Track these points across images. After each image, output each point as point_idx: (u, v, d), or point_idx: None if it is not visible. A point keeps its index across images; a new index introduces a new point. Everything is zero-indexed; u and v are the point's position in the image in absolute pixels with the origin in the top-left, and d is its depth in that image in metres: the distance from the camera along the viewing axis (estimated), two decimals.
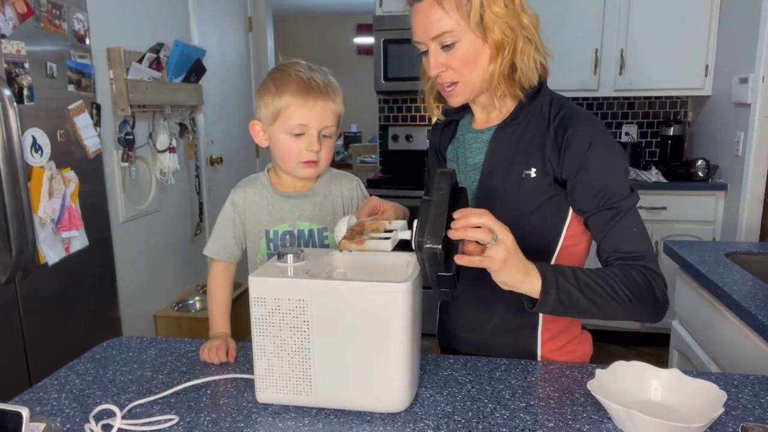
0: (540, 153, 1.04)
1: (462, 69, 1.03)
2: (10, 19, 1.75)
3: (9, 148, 1.67)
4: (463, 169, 1.15)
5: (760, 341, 1.32)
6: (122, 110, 2.35)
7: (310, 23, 6.65)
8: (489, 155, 1.09)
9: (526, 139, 1.06)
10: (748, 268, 1.66)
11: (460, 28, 1.00)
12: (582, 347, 1.16)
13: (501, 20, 0.99)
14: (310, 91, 1.13)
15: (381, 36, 3.39)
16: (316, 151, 1.16)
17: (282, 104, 1.14)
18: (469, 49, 1.01)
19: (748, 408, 0.90)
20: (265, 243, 1.23)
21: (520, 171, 1.05)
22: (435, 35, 1.01)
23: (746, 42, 2.79)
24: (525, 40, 1.02)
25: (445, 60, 1.03)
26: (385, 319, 0.85)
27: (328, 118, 1.16)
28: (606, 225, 1.00)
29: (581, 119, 1.03)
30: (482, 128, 1.13)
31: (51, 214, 1.91)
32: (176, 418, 0.89)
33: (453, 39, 1.01)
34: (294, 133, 1.15)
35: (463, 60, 1.02)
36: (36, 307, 1.87)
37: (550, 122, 1.04)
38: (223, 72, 3.40)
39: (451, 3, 0.99)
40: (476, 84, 1.05)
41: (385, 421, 0.87)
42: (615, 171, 1.02)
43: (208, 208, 3.13)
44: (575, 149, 1.00)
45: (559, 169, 1.03)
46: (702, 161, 3.08)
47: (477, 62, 1.03)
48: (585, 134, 1.01)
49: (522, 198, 1.05)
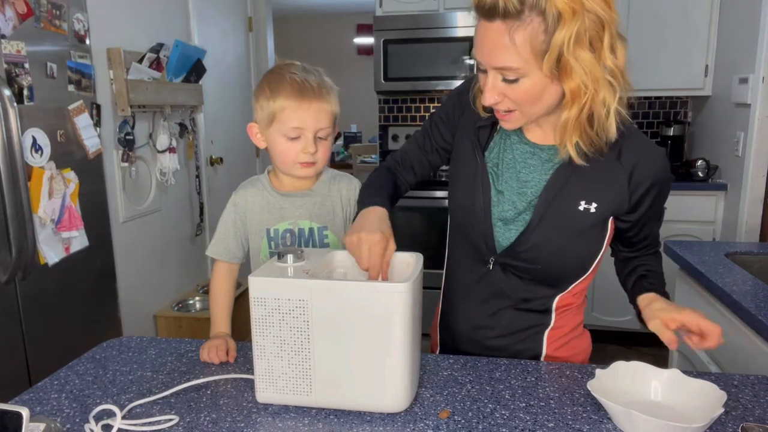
0: (605, 189, 1.00)
1: (522, 103, 0.93)
2: (10, 19, 1.75)
3: (9, 148, 1.67)
4: (510, 181, 1.07)
5: (760, 341, 1.32)
6: (122, 110, 2.35)
7: (310, 23, 6.64)
8: (552, 182, 1.02)
9: (592, 169, 0.99)
10: (748, 268, 1.66)
11: (529, 66, 0.87)
12: (582, 343, 1.18)
13: (583, 68, 0.86)
14: (304, 93, 1.13)
15: (381, 36, 3.39)
16: (312, 153, 1.17)
17: (277, 107, 1.14)
18: (535, 87, 0.90)
19: (748, 408, 0.90)
20: (266, 242, 1.24)
21: (578, 203, 1.01)
22: (498, 66, 0.90)
23: (746, 42, 2.79)
24: (608, 88, 0.89)
25: (504, 91, 0.92)
26: (385, 319, 0.85)
27: (324, 120, 1.16)
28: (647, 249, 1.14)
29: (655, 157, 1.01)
30: (541, 144, 1.04)
31: (51, 214, 1.91)
32: (176, 418, 0.89)
33: (517, 75, 0.89)
34: (290, 136, 1.16)
35: (524, 96, 0.91)
36: (36, 307, 1.87)
37: (621, 156, 0.99)
38: (223, 72, 3.40)
39: (524, 36, 0.85)
40: (535, 115, 0.96)
41: (385, 421, 0.87)
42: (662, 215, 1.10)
43: (208, 208, 3.13)
44: (644, 186, 1.00)
45: (622, 206, 1.02)
46: (702, 161, 3.08)
47: (541, 99, 0.92)
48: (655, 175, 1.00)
49: (575, 228, 1.02)
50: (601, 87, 0.89)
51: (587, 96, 0.89)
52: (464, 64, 3.33)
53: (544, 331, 1.12)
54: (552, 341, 1.12)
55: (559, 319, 1.12)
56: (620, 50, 0.89)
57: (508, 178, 1.07)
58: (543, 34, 0.85)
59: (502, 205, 1.07)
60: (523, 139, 1.06)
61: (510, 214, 1.06)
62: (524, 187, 1.05)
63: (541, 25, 0.84)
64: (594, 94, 0.89)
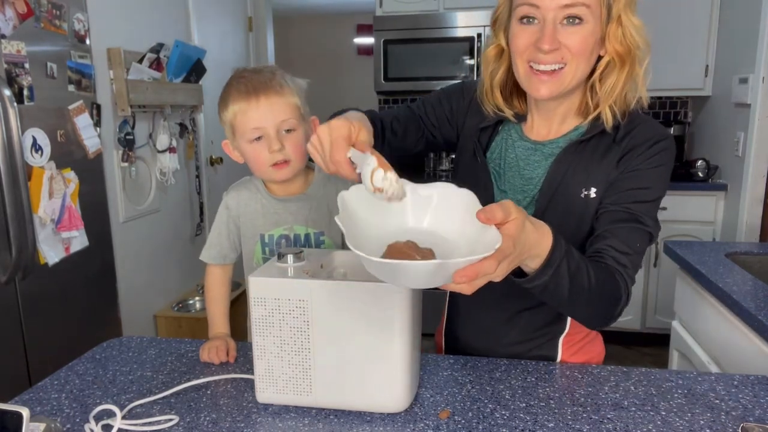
0: (602, 170, 0.99)
1: (578, 53, 0.92)
2: (10, 19, 1.75)
3: (9, 148, 1.67)
4: (513, 179, 1.06)
5: (760, 341, 1.32)
6: (122, 110, 2.35)
7: (310, 23, 6.64)
8: (552, 173, 1.01)
9: (588, 155, 0.99)
10: (748, 268, 1.66)
11: (595, 9, 0.90)
12: (596, 347, 1.15)
13: (636, 30, 0.92)
14: (250, 92, 1.09)
15: (381, 36, 3.39)
16: (278, 149, 1.11)
17: (230, 115, 1.12)
18: (592, 36, 0.91)
19: (748, 408, 0.90)
20: (260, 247, 1.21)
21: (579, 190, 0.99)
22: (568, 2, 0.89)
23: (746, 42, 2.79)
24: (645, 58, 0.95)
25: (564, 38, 0.91)
26: (385, 319, 0.85)
27: (282, 112, 1.10)
28: (619, 222, 0.94)
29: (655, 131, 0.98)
30: (543, 141, 1.04)
31: (51, 214, 1.91)
32: (176, 418, 0.89)
33: (585, 14, 0.90)
34: (252, 138, 1.12)
35: (582, 44, 0.91)
36: (36, 307, 1.87)
37: (620, 138, 0.98)
38: (223, 72, 3.37)
39: None
40: (578, 79, 0.95)
41: (385, 421, 0.87)
42: (656, 190, 0.97)
43: (208, 208, 3.13)
44: (635, 154, 0.96)
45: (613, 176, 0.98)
46: (702, 161, 3.08)
47: (591, 55, 0.93)
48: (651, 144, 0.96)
49: (579, 218, 1.00)
50: (646, 54, 0.94)
51: (628, 62, 0.93)
52: (464, 64, 3.33)
53: (558, 337, 1.10)
54: (567, 347, 1.11)
55: (574, 325, 1.09)
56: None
57: (510, 176, 1.06)
58: None
59: None
60: (524, 138, 1.06)
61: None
62: (527, 184, 1.04)
63: None
64: (641, 58, 0.94)
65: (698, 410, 0.89)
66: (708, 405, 0.91)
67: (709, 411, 0.89)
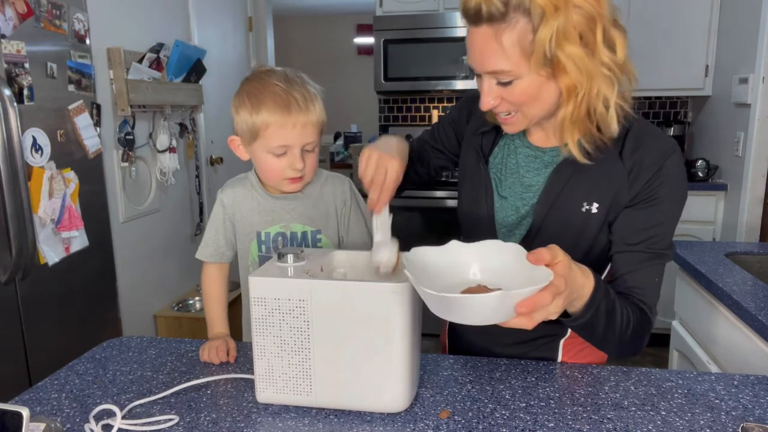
0: (606, 186, 0.96)
1: (520, 104, 0.91)
2: (10, 19, 1.75)
3: (9, 148, 1.67)
4: (513, 186, 1.06)
5: (760, 341, 1.32)
6: (122, 110, 2.35)
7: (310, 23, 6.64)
8: (550, 184, 1.00)
9: (590, 168, 0.96)
10: (748, 268, 1.66)
11: (520, 68, 0.86)
12: (596, 352, 1.14)
13: (575, 64, 0.84)
14: (289, 109, 1.07)
15: (381, 36, 3.39)
16: (300, 168, 1.12)
17: (260, 123, 1.08)
18: (530, 87, 0.88)
19: (748, 408, 0.90)
20: (256, 245, 1.21)
21: (580, 204, 0.98)
22: (490, 71, 0.89)
23: (746, 42, 2.79)
24: (605, 82, 0.87)
25: (500, 94, 0.91)
26: (385, 319, 0.85)
27: (310, 134, 1.11)
28: (643, 263, 0.96)
29: (661, 148, 0.95)
30: (543, 147, 1.03)
31: (51, 214, 1.91)
32: (176, 418, 0.89)
33: (510, 78, 0.88)
34: (276, 153, 1.11)
35: (521, 97, 0.90)
36: (36, 307, 1.87)
37: (624, 151, 0.95)
38: (223, 72, 3.40)
39: (511, 38, 0.83)
40: (537, 116, 0.94)
41: (385, 421, 0.87)
42: (673, 216, 0.96)
43: (208, 208, 3.13)
44: (646, 177, 0.94)
45: (624, 200, 0.96)
46: (702, 161, 3.08)
47: (539, 98, 0.90)
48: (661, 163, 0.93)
49: (578, 232, 0.99)
50: (597, 82, 0.87)
51: (582, 92, 0.87)
52: (464, 64, 3.33)
53: (559, 340, 1.11)
54: (568, 349, 1.11)
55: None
56: (619, 44, 0.87)
57: (511, 183, 1.06)
58: (531, 33, 0.83)
59: (505, 210, 1.06)
60: (526, 143, 1.05)
61: (512, 219, 1.05)
62: (527, 191, 1.04)
63: (527, 25, 0.83)
64: (589, 89, 0.87)
65: (698, 410, 0.89)
66: (708, 405, 0.91)
67: (709, 411, 0.89)
